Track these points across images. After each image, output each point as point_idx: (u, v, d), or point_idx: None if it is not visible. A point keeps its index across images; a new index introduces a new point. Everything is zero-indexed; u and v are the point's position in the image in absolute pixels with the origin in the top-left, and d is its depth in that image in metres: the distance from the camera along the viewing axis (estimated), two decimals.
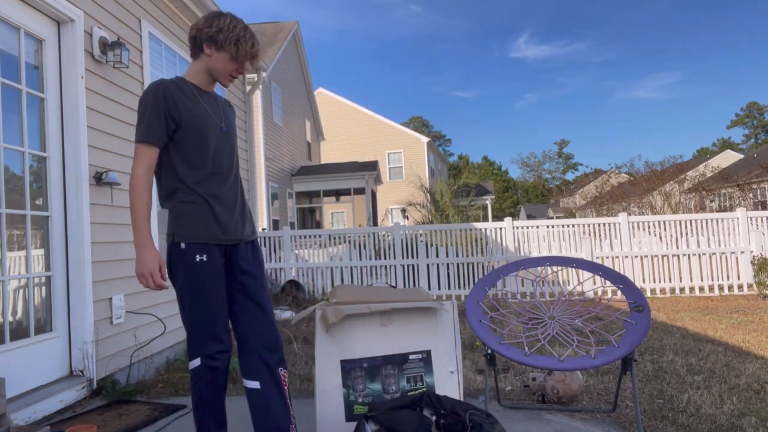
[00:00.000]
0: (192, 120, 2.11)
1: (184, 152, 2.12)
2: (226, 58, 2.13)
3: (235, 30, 2.11)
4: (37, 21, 3.28)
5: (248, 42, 2.12)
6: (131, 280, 3.91)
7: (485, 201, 28.14)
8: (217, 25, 2.11)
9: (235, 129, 2.36)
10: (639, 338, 2.35)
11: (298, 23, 16.33)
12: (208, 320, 2.10)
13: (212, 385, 2.12)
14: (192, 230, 2.12)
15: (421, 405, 2.16)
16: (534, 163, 74.86)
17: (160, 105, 2.06)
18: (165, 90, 2.08)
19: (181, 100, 2.10)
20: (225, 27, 2.11)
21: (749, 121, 66.18)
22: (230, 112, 2.36)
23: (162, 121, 2.07)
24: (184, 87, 2.15)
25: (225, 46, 2.11)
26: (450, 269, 8.54)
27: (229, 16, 2.15)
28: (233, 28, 2.11)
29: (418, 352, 2.49)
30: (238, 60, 2.14)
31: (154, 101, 2.06)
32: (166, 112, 2.07)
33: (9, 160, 3.05)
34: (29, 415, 2.89)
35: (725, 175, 22.01)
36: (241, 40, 2.11)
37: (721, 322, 5.73)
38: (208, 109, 2.19)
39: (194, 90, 2.17)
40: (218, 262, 2.13)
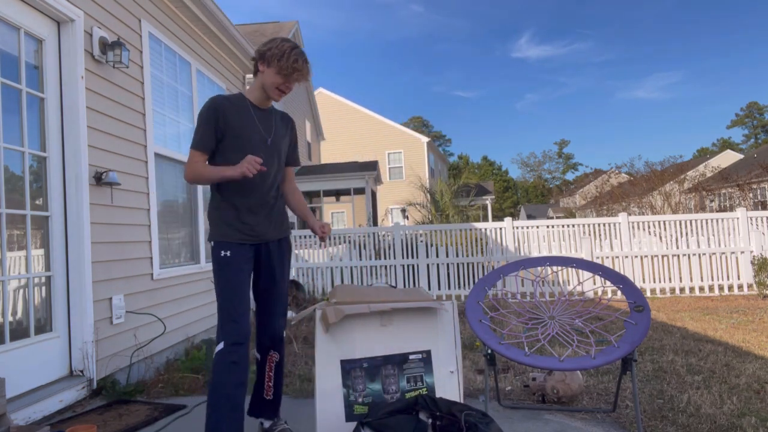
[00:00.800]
0: (235, 131, 2.43)
1: (226, 159, 2.43)
2: (272, 72, 2.40)
3: (282, 47, 2.39)
4: (37, 21, 3.28)
5: (291, 57, 2.37)
6: (131, 280, 3.91)
7: (485, 201, 28.14)
8: (269, 45, 2.42)
9: (288, 140, 2.67)
10: (639, 338, 2.35)
11: (298, 23, 16.32)
12: (228, 307, 2.37)
13: (229, 369, 2.31)
14: (219, 231, 2.47)
15: (417, 408, 2.16)
16: (534, 163, 74.89)
17: (211, 116, 2.40)
18: (217, 103, 2.42)
19: (229, 112, 2.42)
20: (275, 46, 2.40)
21: (749, 121, 66.17)
22: (284, 125, 2.64)
23: (210, 131, 2.41)
24: (237, 101, 2.48)
25: (272, 62, 2.39)
26: (450, 269, 8.54)
27: (280, 39, 2.43)
28: (280, 46, 2.39)
29: (418, 352, 2.49)
30: (282, 74, 2.39)
31: (206, 113, 2.41)
32: (215, 123, 2.40)
33: (9, 160, 3.05)
34: (29, 415, 2.89)
35: (725, 175, 22.01)
36: (284, 56, 2.37)
37: (721, 322, 5.73)
38: (258, 122, 2.49)
39: (248, 105, 2.50)
40: (242, 258, 2.45)
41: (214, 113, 2.40)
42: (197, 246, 5.18)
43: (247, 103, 2.49)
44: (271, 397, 2.66)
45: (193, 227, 5.18)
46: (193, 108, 5.25)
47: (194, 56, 5.33)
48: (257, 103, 2.52)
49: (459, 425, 2.04)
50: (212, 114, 2.40)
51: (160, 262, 4.36)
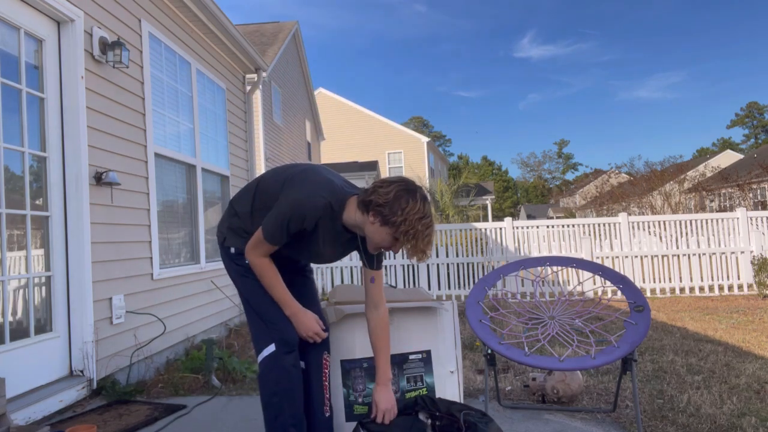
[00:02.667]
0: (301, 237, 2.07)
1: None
2: (388, 237, 1.95)
3: (418, 225, 1.90)
4: (37, 21, 3.28)
5: (425, 239, 1.92)
6: (131, 280, 3.91)
7: (485, 201, 28.14)
8: (402, 210, 1.89)
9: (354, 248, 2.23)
10: (639, 338, 2.35)
11: (298, 23, 16.33)
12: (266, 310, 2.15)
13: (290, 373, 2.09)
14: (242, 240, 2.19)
15: (417, 409, 2.15)
16: (534, 163, 74.91)
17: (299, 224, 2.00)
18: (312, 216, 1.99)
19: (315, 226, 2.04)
20: (410, 218, 1.89)
21: (749, 121, 66.17)
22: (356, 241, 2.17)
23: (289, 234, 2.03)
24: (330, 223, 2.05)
25: (398, 234, 1.92)
26: (450, 269, 8.54)
27: (420, 200, 1.92)
28: (417, 221, 1.89)
29: (418, 352, 2.49)
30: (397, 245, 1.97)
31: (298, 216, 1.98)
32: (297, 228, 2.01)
33: (9, 160, 3.05)
34: (29, 415, 2.89)
35: (725, 175, 22.01)
36: (417, 236, 1.90)
37: (721, 322, 5.73)
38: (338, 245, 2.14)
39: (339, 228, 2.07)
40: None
41: (300, 223, 2.00)
42: (197, 246, 5.18)
43: (338, 227, 2.07)
44: (329, 413, 2.26)
45: (193, 227, 5.18)
46: (193, 108, 5.25)
47: (194, 56, 5.33)
48: (348, 226, 2.07)
49: (458, 425, 2.04)
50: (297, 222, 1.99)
51: (160, 262, 4.36)
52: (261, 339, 2.14)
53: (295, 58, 16.84)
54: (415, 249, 1.93)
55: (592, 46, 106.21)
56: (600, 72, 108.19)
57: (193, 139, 5.22)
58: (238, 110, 6.56)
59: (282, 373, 2.08)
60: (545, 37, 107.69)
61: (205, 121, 5.54)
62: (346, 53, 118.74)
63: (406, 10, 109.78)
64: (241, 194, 2.25)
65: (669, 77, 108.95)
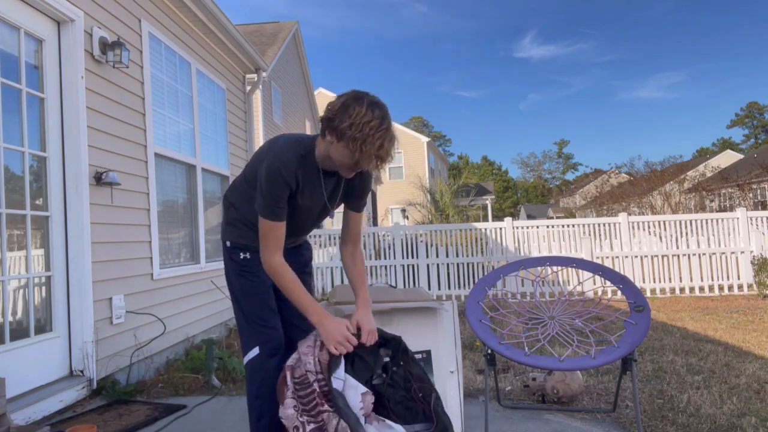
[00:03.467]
0: (298, 200, 2.04)
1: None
2: (346, 152, 1.88)
3: (363, 127, 1.83)
4: (37, 21, 3.28)
5: (375, 143, 1.84)
6: (131, 280, 3.91)
7: (485, 201, 28.15)
8: (345, 115, 1.85)
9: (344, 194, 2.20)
10: (639, 338, 2.35)
11: (298, 23, 16.33)
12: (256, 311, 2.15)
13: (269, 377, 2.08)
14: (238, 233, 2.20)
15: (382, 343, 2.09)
16: (534, 163, 74.91)
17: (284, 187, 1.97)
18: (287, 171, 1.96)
19: (299, 183, 2.01)
20: (355, 120, 1.83)
21: (749, 121, 66.16)
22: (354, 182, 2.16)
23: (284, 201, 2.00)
24: (307, 167, 2.01)
25: (349, 142, 1.85)
26: (450, 269, 8.54)
27: (366, 104, 1.86)
28: (362, 124, 1.83)
29: (418, 352, 2.49)
30: (362, 161, 1.89)
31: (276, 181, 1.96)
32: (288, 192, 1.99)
33: (9, 160, 3.05)
34: (29, 415, 2.89)
35: (725, 175, 22.01)
36: (367, 141, 1.83)
37: (721, 322, 5.73)
38: (324, 191, 2.09)
39: (319, 172, 2.04)
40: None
41: (284, 184, 1.96)
42: (197, 246, 5.18)
43: (317, 166, 2.03)
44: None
45: (193, 227, 5.18)
46: (193, 108, 5.25)
47: (194, 56, 5.33)
48: (325, 167, 2.04)
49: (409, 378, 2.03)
50: (281, 185, 1.96)
51: (160, 262, 4.36)
52: (247, 341, 2.14)
53: (295, 58, 16.84)
54: (368, 155, 1.85)
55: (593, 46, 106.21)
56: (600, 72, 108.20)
57: (193, 139, 5.22)
58: (238, 110, 6.56)
59: (265, 377, 2.09)
60: (546, 37, 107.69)
61: (205, 121, 5.54)
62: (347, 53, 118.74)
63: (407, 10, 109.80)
64: (232, 186, 2.28)
65: (669, 77, 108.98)
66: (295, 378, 1.88)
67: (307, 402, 1.84)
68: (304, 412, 1.83)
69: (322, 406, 1.81)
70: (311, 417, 1.81)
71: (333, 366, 1.89)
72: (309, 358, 1.88)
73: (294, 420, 1.82)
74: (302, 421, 1.81)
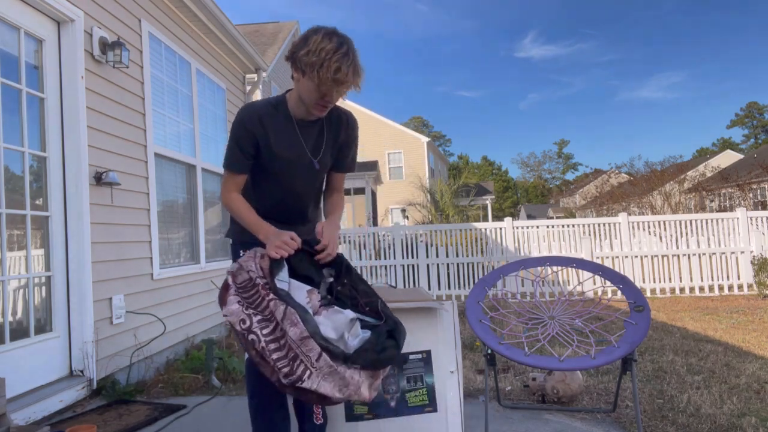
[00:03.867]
0: (272, 153, 2.04)
1: (268, 178, 2.11)
2: (310, 84, 1.87)
3: (320, 52, 1.80)
4: (37, 21, 3.28)
5: (332, 66, 1.79)
6: (131, 280, 3.91)
7: (485, 201, 28.15)
8: (304, 45, 1.84)
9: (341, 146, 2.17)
10: (639, 338, 2.35)
11: (298, 23, 16.32)
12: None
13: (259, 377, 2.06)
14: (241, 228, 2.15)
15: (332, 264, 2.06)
16: (534, 163, 74.92)
17: (242, 135, 2.00)
18: (249, 118, 2.00)
19: (266, 130, 2.00)
20: (312, 48, 1.81)
21: (749, 121, 66.18)
22: (339, 132, 2.13)
23: (242, 151, 2.02)
24: (275, 115, 2.02)
25: (307, 70, 1.84)
26: (450, 269, 8.54)
27: (323, 33, 1.83)
28: (318, 49, 1.80)
29: (418, 352, 2.49)
30: (321, 88, 1.86)
31: (237, 129, 2.01)
32: (247, 141, 2.00)
33: (9, 160, 3.05)
34: (29, 415, 2.89)
35: (725, 175, 22.02)
36: (324, 65, 1.79)
37: (721, 322, 5.73)
38: (303, 140, 2.05)
39: (291, 119, 2.03)
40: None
41: (245, 131, 1.99)
42: (197, 246, 5.18)
43: (289, 116, 2.02)
44: (321, 420, 2.26)
45: (193, 227, 5.18)
46: (193, 108, 5.25)
47: (194, 56, 5.33)
48: (300, 115, 2.02)
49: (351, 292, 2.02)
50: (243, 133, 2.00)
51: (160, 262, 4.36)
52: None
53: None
54: (326, 80, 1.82)
55: (593, 46, 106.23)
56: (601, 72, 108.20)
57: (193, 139, 5.22)
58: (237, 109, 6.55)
59: (257, 377, 2.10)
60: (547, 37, 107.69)
61: (205, 121, 5.54)
62: None
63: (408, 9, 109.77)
64: None
65: (669, 77, 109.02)
66: (238, 283, 1.83)
67: (252, 299, 1.80)
68: (249, 306, 1.79)
69: (267, 296, 1.77)
70: (257, 310, 1.77)
71: (275, 269, 1.86)
72: (251, 264, 1.84)
73: (239, 314, 1.77)
74: (248, 314, 1.77)
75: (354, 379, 1.77)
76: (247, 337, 1.74)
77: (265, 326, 1.74)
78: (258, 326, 1.75)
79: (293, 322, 1.72)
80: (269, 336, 1.73)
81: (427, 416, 2.42)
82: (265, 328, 1.74)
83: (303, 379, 1.70)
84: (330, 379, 1.73)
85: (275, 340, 1.73)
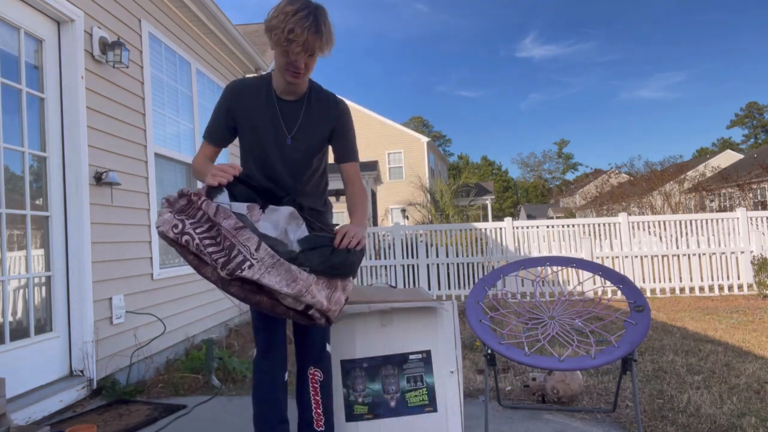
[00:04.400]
0: (247, 126, 2.09)
1: (247, 156, 2.19)
2: (277, 50, 1.90)
3: (281, 14, 1.83)
4: (37, 21, 3.28)
5: (287, 27, 1.81)
6: (131, 280, 3.91)
7: (485, 201, 28.15)
8: (270, 14, 1.88)
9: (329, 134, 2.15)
10: (639, 338, 2.35)
11: None
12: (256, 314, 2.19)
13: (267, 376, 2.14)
14: None
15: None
16: (534, 163, 74.90)
17: (221, 105, 2.11)
18: (231, 90, 2.10)
19: (244, 102, 2.06)
20: (275, 13, 1.85)
21: (749, 121, 66.17)
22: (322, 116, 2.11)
23: (219, 121, 2.13)
24: (258, 89, 2.08)
25: (271, 36, 1.87)
26: (450, 269, 8.54)
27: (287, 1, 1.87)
28: (281, 13, 1.84)
29: (418, 352, 2.49)
30: (283, 52, 1.88)
31: (219, 100, 2.11)
32: (225, 112, 2.10)
33: (9, 160, 3.05)
34: (29, 415, 2.89)
35: (725, 175, 22.01)
36: (281, 26, 1.82)
37: (721, 322, 5.73)
38: (279, 116, 2.07)
39: (272, 94, 2.07)
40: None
41: (225, 102, 2.08)
42: None
43: (270, 92, 2.06)
44: (323, 427, 2.21)
45: None
46: (193, 108, 5.25)
47: (194, 56, 5.33)
48: (282, 92, 2.06)
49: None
50: (223, 103, 2.09)
51: (160, 262, 4.36)
52: (255, 341, 2.22)
53: None
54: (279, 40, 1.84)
55: (594, 45, 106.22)
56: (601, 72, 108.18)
57: (193, 139, 5.22)
58: None
59: (256, 379, 2.18)
60: (547, 37, 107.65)
61: (205, 121, 5.50)
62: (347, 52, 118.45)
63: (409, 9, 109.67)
64: None
65: (670, 77, 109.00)
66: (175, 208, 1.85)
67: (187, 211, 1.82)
68: (182, 214, 1.81)
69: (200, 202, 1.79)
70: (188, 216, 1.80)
71: (212, 193, 1.87)
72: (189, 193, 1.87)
73: (171, 221, 1.79)
74: (180, 219, 1.79)
75: (303, 275, 1.72)
76: (181, 240, 1.75)
77: (198, 226, 1.76)
78: (191, 227, 1.76)
79: (227, 215, 1.74)
80: (203, 234, 1.75)
81: (427, 416, 2.42)
82: (198, 227, 1.76)
83: (243, 268, 1.67)
84: (274, 272, 1.69)
85: (210, 237, 1.74)
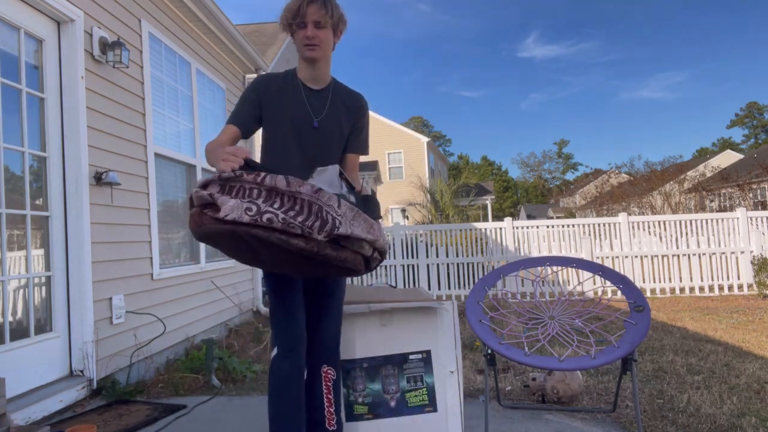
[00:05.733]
0: (275, 108, 2.16)
1: (271, 142, 2.20)
2: (291, 34, 2.13)
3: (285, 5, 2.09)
4: (37, 21, 3.28)
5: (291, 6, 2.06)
6: (131, 280, 3.91)
7: (485, 201, 28.16)
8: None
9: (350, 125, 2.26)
10: (639, 338, 2.35)
11: None
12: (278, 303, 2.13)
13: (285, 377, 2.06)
14: None
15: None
16: (534, 163, 74.86)
17: (250, 91, 2.18)
18: (260, 79, 2.21)
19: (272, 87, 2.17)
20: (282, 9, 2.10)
21: (749, 121, 66.15)
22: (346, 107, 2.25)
23: (246, 105, 2.15)
24: (285, 78, 2.21)
25: (284, 25, 2.11)
26: (450, 269, 8.54)
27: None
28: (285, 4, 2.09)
29: (418, 352, 2.49)
30: (297, 29, 2.08)
31: (247, 88, 2.21)
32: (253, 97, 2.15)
33: (9, 160, 3.05)
34: (29, 415, 2.89)
35: (725, 175, 22.02)
36: (285, 10, 2.08)
37: (721, 322, 5.73)
38: (306, 101, 2.18)
39: (299, 83, 2.19)
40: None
41: (254, 91, 2.16)
42: (197, 246, 5.18)
43: (297, 82, 2.19)
44: (334, 427, 2.21)
45: None
46: (193, 108, 5.25)
47: (194, 56, 5.33)
48: (307, 80, 2.18)
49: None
50: (251, 92, 2.17)
51: (160, 262, 4.36)
52: (273, 338, 2.14)
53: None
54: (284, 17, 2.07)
55: (595, 46, 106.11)
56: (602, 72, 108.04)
57: (193, 139, 5.22)
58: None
59: (275, 379, 2.08)
60: (549, 37, 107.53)
61: (205, 121, 5.54)
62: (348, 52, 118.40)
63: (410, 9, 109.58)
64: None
65: (670, 77, 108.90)
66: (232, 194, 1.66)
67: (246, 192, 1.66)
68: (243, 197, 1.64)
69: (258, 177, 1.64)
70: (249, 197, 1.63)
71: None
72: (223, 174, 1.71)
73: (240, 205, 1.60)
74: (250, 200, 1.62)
75: (370, 220, 1.73)
76: (262, 220, 1.57)
77: (273, 201, 1.61)
78: (266, 204, 1.60)
79: (300, 182, 1.63)
80: (283, 207, 1.60)
81: (427, 416, 2.42)
82: (274, 203, 1.61)
83: (337, 226, 1.62)
84: (356, 223, 1.67)
85: (291, 208, 1.60)
